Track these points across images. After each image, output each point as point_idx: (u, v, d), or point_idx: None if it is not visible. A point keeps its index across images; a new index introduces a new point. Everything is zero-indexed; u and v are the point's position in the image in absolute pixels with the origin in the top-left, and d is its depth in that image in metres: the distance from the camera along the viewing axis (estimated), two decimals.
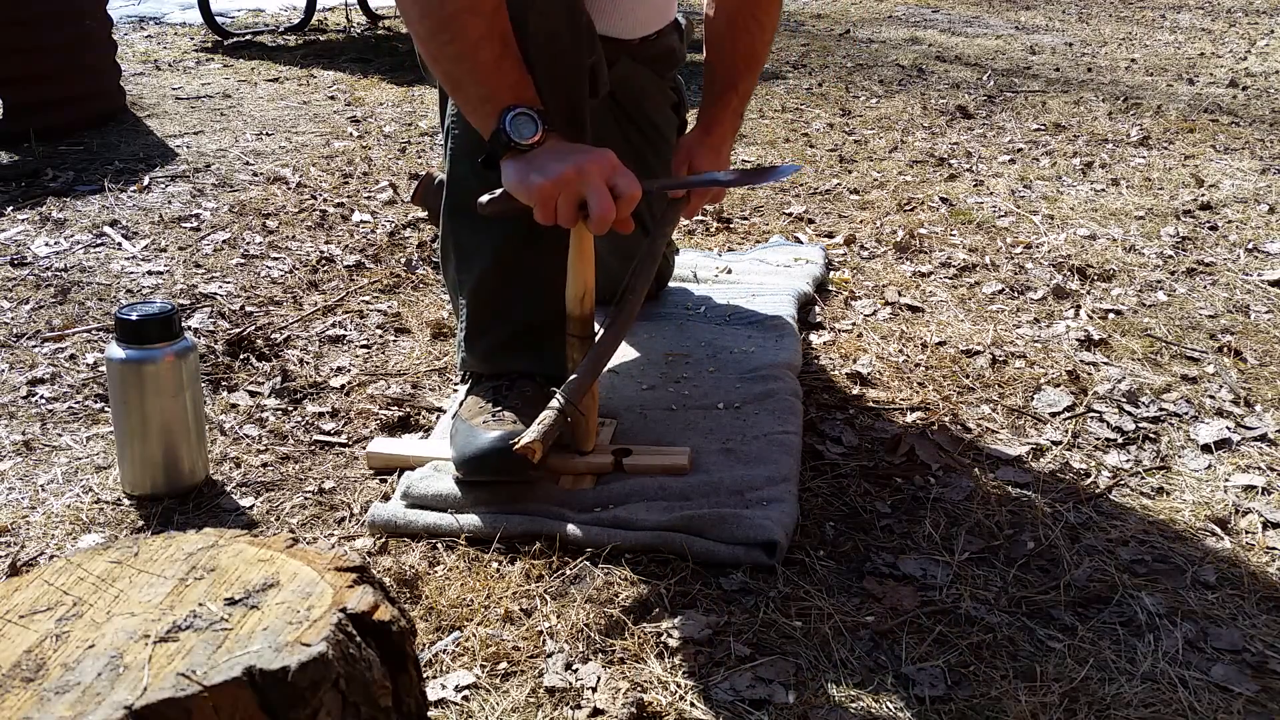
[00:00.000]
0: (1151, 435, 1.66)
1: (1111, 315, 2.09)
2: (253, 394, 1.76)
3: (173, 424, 1.45)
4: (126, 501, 1.47)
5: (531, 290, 1.52)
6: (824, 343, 1.97)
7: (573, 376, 1.37)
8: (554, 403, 1.32)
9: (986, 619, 1.25)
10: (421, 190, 2.24)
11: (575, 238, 1.40)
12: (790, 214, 2.69)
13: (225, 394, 1.76)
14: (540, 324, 1.52)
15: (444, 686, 1.12)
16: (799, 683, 1.14)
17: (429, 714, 1.04)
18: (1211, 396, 1.78)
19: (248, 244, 2.41)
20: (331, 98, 3.85)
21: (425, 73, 1.88)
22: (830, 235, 2.53)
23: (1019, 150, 3.28)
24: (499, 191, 1.36)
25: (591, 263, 1.42)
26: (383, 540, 1.37)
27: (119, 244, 2.41)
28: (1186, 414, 1.72)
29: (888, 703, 1.12)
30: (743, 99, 1.76)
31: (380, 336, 1.98)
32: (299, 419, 1.69)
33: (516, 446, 1.27)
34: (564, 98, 1.43)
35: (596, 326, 1.47)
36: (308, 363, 1.87)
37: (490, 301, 1.54)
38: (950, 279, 2.27)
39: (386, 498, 1.47)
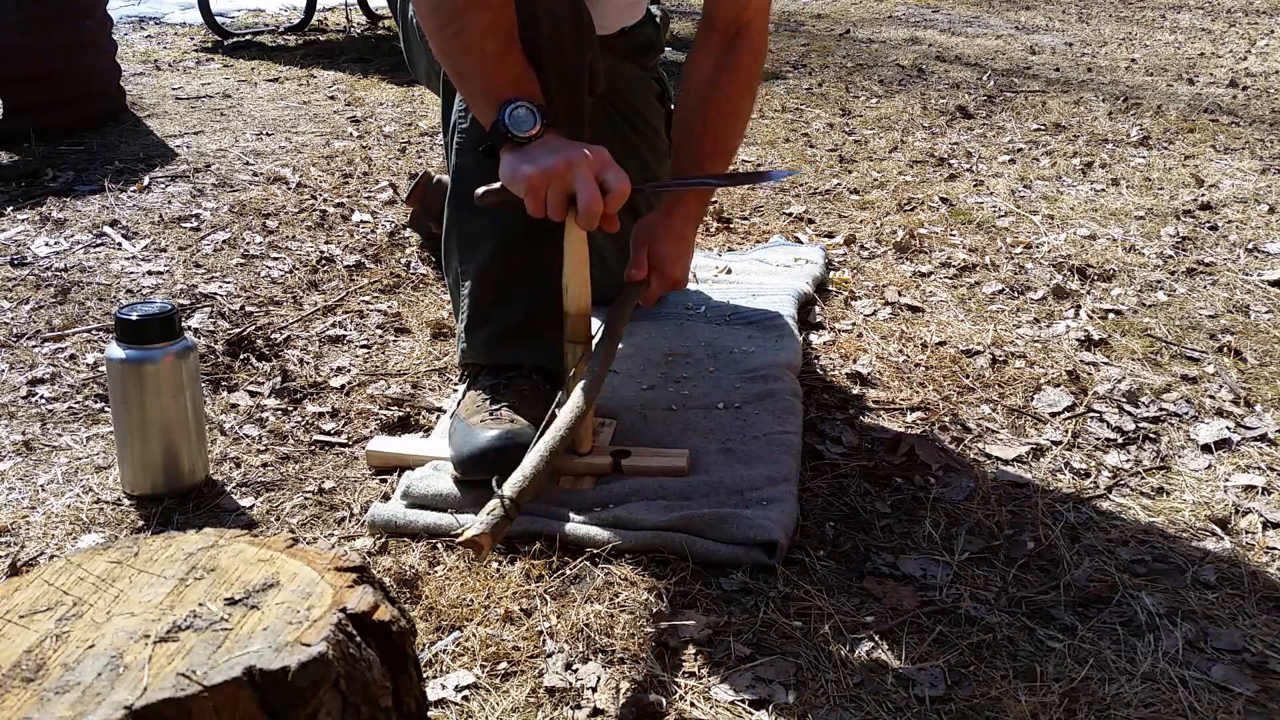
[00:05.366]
0: (1151, 435, 1.66)
1: (1111, 315, 2.09)
2: (253, 394, 1.76)
3: (173, 424, 1.45)
4: (126, 501, 1.47)
5: (533, 282, 1.53)
6: (824, 343, 1.97)
7: (520, 470, 1.17)
8: (500, 494, 1.12)
9: (986, 619, 1.25)
10: (420, 190, 2.24)
11: (568, 233, 1.40)
12: (790, 214, 2.69)
13: (225, 394, 1.76)
14: (540, 316, 1.53)
15: (444, 686, 1.12)
16: (799, 683, 1.14)
17: (429, 714, 1.04)
18: (1211, 396, 1.78)
19: (248, 244, 2.41)
20: (331, 98, 3.85)
21: (413, 70, 1.88)
22: (830, 235, 2.53)
23: (1019, 150, 3.28)
24: (496, 184, 1.38)
25: (585, 259, 1.42)
26: (383, 540, 1.37)
27: (119, 244, 2.41)
28: (1186, 414, 1.72)
29: (888, 703, 1.12)
30: None
31: (380, 336, 1.98)
32: (299, 419, 1.69)
33: (461, 538, 1.07)
34: (566, 96, 1.44)
35: (596, 324, 1.47)
36: (308, 363, 1.87)
37: (492, 291, 1.54)
38: (950, 279, 2.27)
39: (386, 498, 1.47)
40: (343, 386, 1.79)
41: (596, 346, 1.44)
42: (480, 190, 1.39)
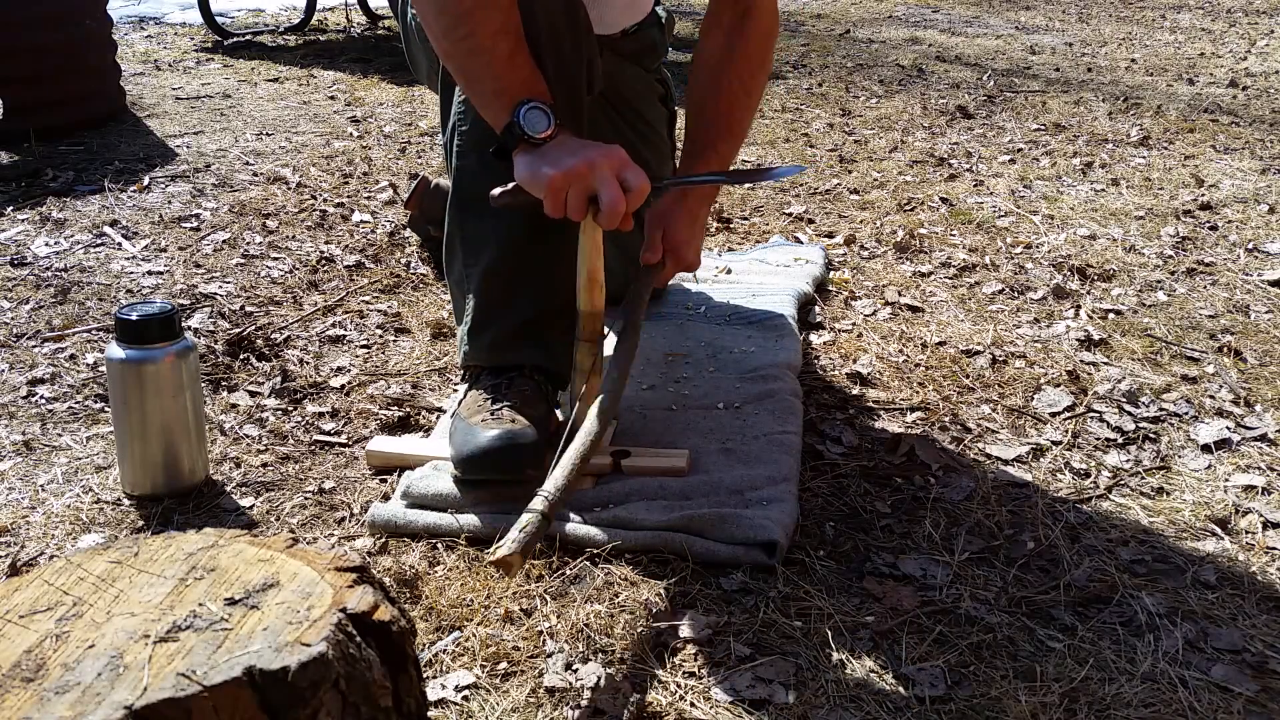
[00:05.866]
0: (1151, 435, 1.66)
1: (1111, 315, 2.09)
2: (253, 394, 1.76)
3: (173, 424, 1.45)
4: (126, 501, 1.47)
5: (537, 283, 1.53)
6: (824, 343, 1.97)
7: (554, 472, 1.23)
8: (536, 503, 1.17)
9: (986, 619, 1.25)
10: (418, 194, 2.24)
11: (584, 233, 1.41)
12: (790, 214, 2.69)
13: (225, 394, 1.76)
14: (544, 316, 1.53)
15: (444, 686, 1.12)
16: (799, 683, 1.14)
17: (429, 714, 1.04)
18: (1211, 396, 1.78)
19: (248, 244, 2.41)
20: (331, 98, 3.85)
21: (414, 70, 1.88)
22: (830, 235, 2.53)
23: (1019, 150, 3.28)
24: (510, 184, 1.38)
25: (601, 257, 1.42)
26: (383, 540, 1.37)
27: (119, 244, 2.41)
28: (1186, 414, 1.72)
29: (888, 703, 1.12)
30: (723, 162, 1.66)
31: (380, 336, 1.98)
32: (299, 419, 1.69)
33: (492, 558, 1.09)
34: (564, 95, 1.44)
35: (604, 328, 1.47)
36: (308, 363, 1.87)
37: (496, 293, 1.54)
38: (950, 279, 2.27)
39: (386, 498, 1.47)
40: (343, 386, 1.79)
41: (619, 342, 1.47)
42: (496, 191, 1.39)
